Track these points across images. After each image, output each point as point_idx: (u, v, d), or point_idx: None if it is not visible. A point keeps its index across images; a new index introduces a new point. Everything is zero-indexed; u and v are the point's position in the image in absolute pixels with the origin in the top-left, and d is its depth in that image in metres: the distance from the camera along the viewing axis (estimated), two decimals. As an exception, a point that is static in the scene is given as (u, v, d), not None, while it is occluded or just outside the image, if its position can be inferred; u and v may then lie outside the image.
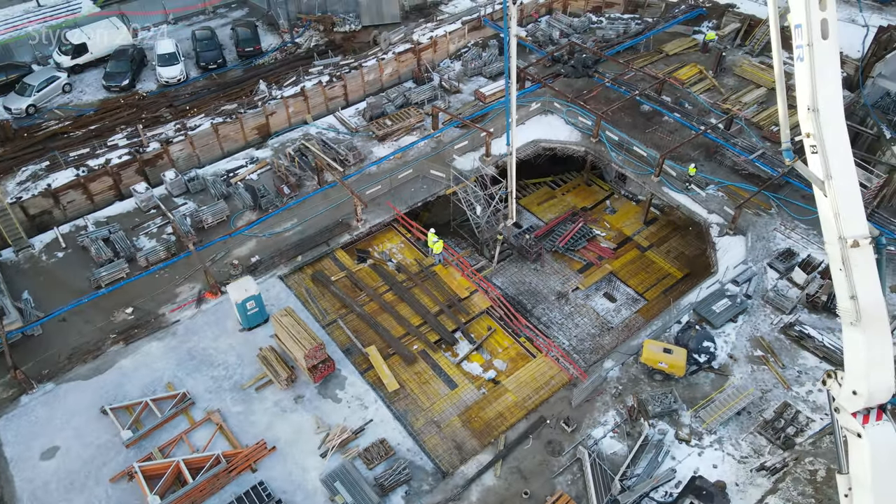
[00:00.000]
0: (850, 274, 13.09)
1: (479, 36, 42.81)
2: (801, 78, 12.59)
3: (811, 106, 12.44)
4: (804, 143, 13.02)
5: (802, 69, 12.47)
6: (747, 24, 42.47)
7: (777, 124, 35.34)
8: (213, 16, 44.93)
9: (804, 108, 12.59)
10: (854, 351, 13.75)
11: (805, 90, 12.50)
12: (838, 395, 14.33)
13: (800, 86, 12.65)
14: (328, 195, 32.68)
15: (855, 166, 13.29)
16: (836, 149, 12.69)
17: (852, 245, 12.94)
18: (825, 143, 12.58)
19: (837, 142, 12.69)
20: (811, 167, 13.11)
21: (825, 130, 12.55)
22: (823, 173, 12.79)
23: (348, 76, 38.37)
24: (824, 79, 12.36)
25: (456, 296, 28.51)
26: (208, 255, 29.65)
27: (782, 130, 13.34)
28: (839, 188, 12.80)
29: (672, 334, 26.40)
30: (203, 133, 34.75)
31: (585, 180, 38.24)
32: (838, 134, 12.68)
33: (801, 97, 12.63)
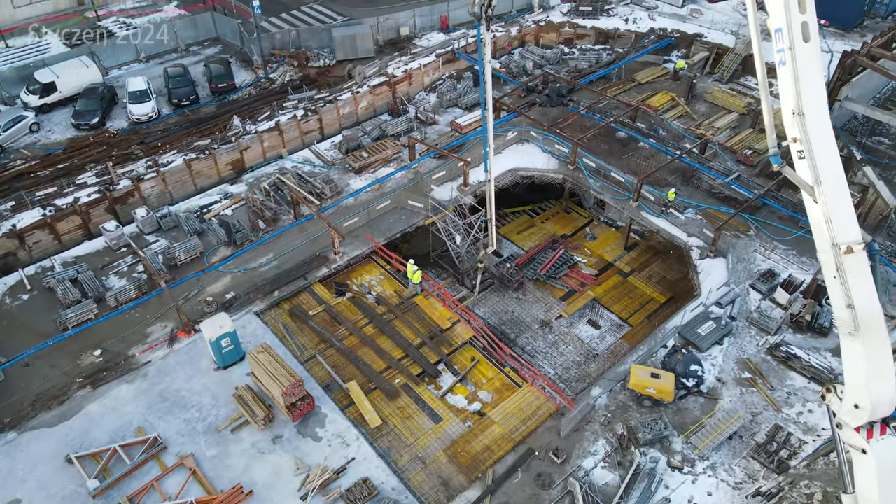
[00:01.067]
0: (846, 281, 12.80)
1: (453, 68, 43.09)
2: (784, 82, 12.45)
3: (796, 110, 12.27)
4: (791, 149, 12.82)
5: (785, 73, 12.34)
6: (715, 53, 43.38)
7: (750, 148, 35.84)
8: (186, 53, 44.70)
9: (789, 113, 12.43)
10: (853, 362, 13.38)
11: (789, 94, 12.34)
12: (839, 410, 13.88)
13: (783, 90, 12.50)
14: (305, 228, 32.08)
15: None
16: (824, 152, 12.50)
17: (846, 251, 12.67)
18: (812, 146, 12.39)
19: (825, 145, 12.51)
20: (799, 172, 12.88)
21: (812, 134, 12.38)
22: (812, 178, 12.56)
23: (323, 110, 38.18)
24: (808, 82, 12.22)
25: (438, 327, 27.86)
26: (181, 292, 28.71)
27: (769, 135, 13.14)
28: (829, 192, 12.57)
29: (658, 359, 25.97)
30: (175, 169, 34.09)
31: (564, 208, 38.16)
32: (825, 137, 12.51)
33: (786, 102, 12.48)
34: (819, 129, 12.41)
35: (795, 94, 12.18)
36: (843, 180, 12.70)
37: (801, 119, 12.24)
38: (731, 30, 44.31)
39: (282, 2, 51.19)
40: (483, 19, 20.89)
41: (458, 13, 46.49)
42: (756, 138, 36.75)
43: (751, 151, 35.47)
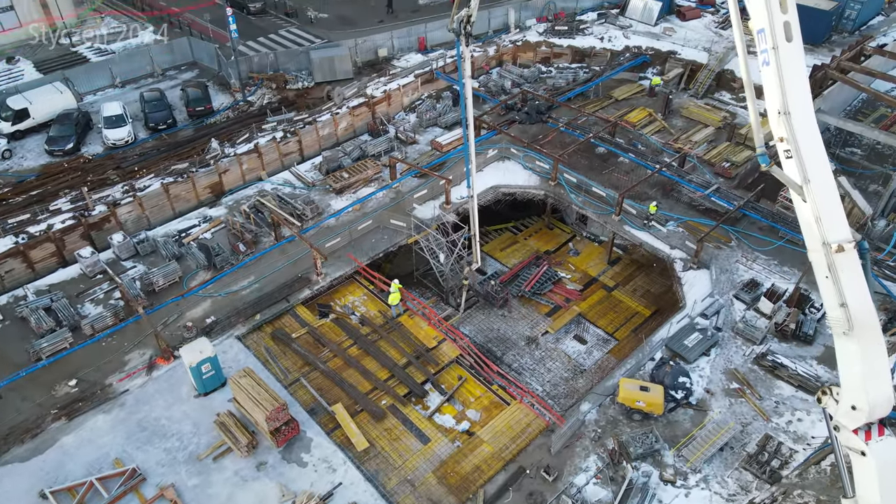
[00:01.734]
0: (838, 280, 12.74)
1: (432, 88, 43.23)
2: (769, 82, 12.49)
3: (782, 109, 12.29)
4: (778, 149, 12.83)
5: (769, 73, 12.38)
6: (689, 70, 44.08)
7: (728, 160, 36.25)
8: (163, 78, 44.35)
9: (775, 113, 12.45)
10: (849, 363, 13.28)
11: (774, 94, 12.38)
12: (836, 413, 13.75)
13: (768, 91, 12.54)
14: (286, 250, 31.64)
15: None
16: (811, 151, 12.52)
17: (837, 250, 12.63)
18: (799, 145, 12.41)
19: (811, 144, 12.53)
20: (787, 172, 12.87)
21: (798, 133, 12.40)
22: (801, 177, 12.56)
23: (303, 131, 37.98)
24: (792, 81, 12.27)
25: (423, 346, 27.47)
26: (159, 318, 28.04)
27: (756, 135, 13.13)
28: (818, 191, 12.56)
29: (647, 372, 25.81)
30: (153, 194, 33.54)
31: (547, 224, 38.19)
32: (811, 136, 12.54)
33: (771, 102, 12.50)
34: (805, 128, 12.45)
35: (780, 94, 12.23)
36: (831, 179, 12.71)
37: (787, 118, 12.27)
38: (703, 47, 45.11)
39: (259, 26, 51.21)
40: (462, 35, 20.91)
41: (435, 34, 46.80)
42: (733, 151, 37.22)
43: (728, 164, 35.88)
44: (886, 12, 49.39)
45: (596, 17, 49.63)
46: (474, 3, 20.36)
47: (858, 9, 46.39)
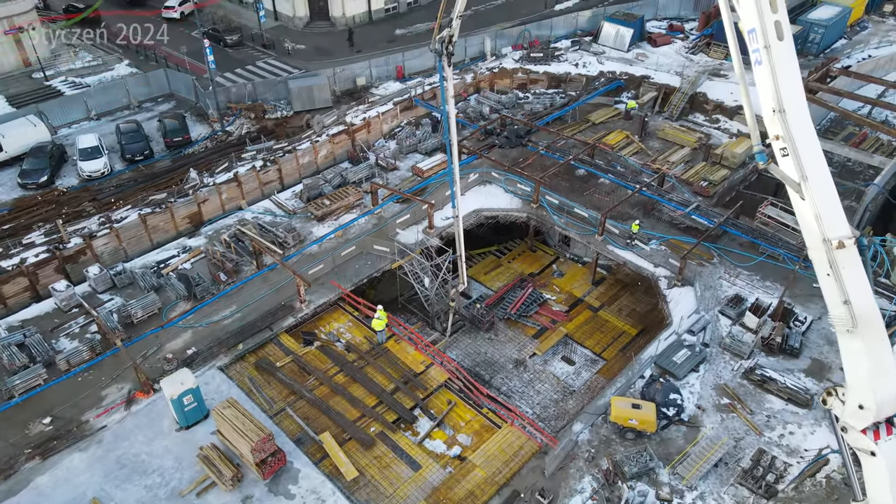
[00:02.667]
0: (840, 277, 12.72)
1: (411, 115, 43.45)
2: (762, 81, 12.61)
3: (777, 108, 12.40)
4: (773, 148, 12.91)
5: (763, 72, 12.51)
6: (663, 93, 44.96)
7: (706, 179, 36.79)
8: (139, 110, 43.97)
9: (769, 112, 12.54)
10: (854, 361, 13.21)
11: (768, 93, 12.49)
12: (843, 414, 13.63)
13: (762, 89, 12.66)
14: (268, 278, 31.15)
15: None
16: (807, 148, 12.62)
17: (838, 246, 12.64)
18: (795, 143, 12.50)
19: (807, 141, 12.63)
20: (785, 170, 12.90)
21: (794, 130, 12.50)
22: (798, 175, 12.63)
23: (283, 160, 37.79)
24: (785, 79, 12.40)
25: (411, 371, 27.02)
26: (138, 351, 27.27)
27: (752, 133, 13.19)
28: (816, 188, 12.61)
29: (637, 390, 25.63)
30: (130, 225, 32.96)
31: (530, 246, 38.23)
32: (807, 133, 12.65)
33: (765, 101, 12.61)
34: (801, 125, 12.56)
35: (774, 92, 12.35)
36: (828, 175, 12.75)
37: (782, 116, 12.37)
38: (675, 71, 46.09)
39: (235, 58, 51.26)
40: (444, 55, 21.09)
41: (412, 63, 47.23)
42: (710, 170, 37.82)
43: (706, 183, 36.41)
44: (849, 35, 51.10)
45: (570, 44, 50.56)
46: (456, 23, 20.58)
47: (822, 32, 47.91)
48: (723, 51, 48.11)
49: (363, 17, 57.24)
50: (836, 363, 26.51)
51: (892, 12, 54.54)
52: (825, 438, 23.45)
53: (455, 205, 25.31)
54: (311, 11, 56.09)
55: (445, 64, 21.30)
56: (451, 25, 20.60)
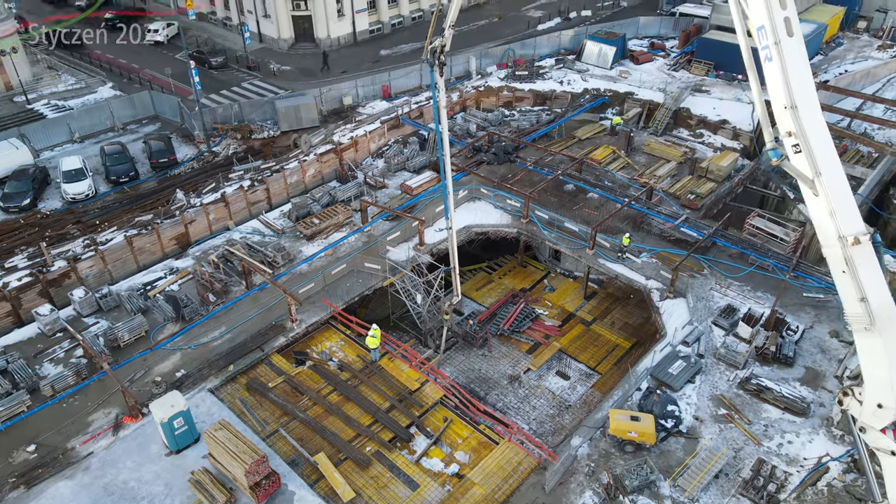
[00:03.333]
0: (856, 274, 12.65)
1: (398, 134, 43.52)
2: (772, 78, 12.63)
3: (789, 103, 12.41)
4: (785, 144, 12.92)
5: (773, 69, 12.54)
6: (647, 109, 45.53)
7: (693, 193, 37.10)
8: (123, 132, 43.57)
9: (781, 108, 12.56)
10: (872, 359, 13.11)
11: (779, 89, 12.52)
12: (861, 413, 13.50)
13: (773, 86, 12.67)
14: (258, 298, 30.72)
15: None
16: (820, 143, 12.62)
17: (853, 243, 12.58)
18: (808, 138, 12.51)
19: (820, 136, 12.64)
20: (798, 167, 12.85)
21: (807, 125, 12.50)
22: (811, 170, 12.62)
23: (270, 179, 37.54)
24: (796, 74, 12.44)
25: (406, 389, 26.63)
26: (125, 375, 26.62)
27: (765, 129, 13.18)
28: (830, 183, 12.58)
29: (634, 403, 25.48)
30: (116, 247, 32.43)
31: (520, 262, 38.17)
32: (819, 128, 12.67)
33: (777, 97, 12.64)
34: (813, 121, 12.57)
35: (785, 88, 12.38)
36: (841, 171, 12.72)
37: (793, 112, 12.39)
38: (658, 87, 46.75)
39: (221, 80, 51.17)
40: (436, 65, 21.19)
41: (398, 82, 47.45)
42: (696, 183, 38.19)
43: (693, 196, 36.72)
44: (825, 51, 52.27)
45: (554, 62, 51.16)
46: (448, 32, 20.68)
47: (799, 49, 48.95)
48: (704, 67, 48.96)
49: (348, 38, 57.57)
50: (829, 371, 26.62)
51: (866, 29, 55.92)
52: (824, 446, 23.41)
53: (448, 216, 25.29)
54: (296, 33, 56.33)
55: (437, 74, 21.36)
56: (443, 35, 20.69)
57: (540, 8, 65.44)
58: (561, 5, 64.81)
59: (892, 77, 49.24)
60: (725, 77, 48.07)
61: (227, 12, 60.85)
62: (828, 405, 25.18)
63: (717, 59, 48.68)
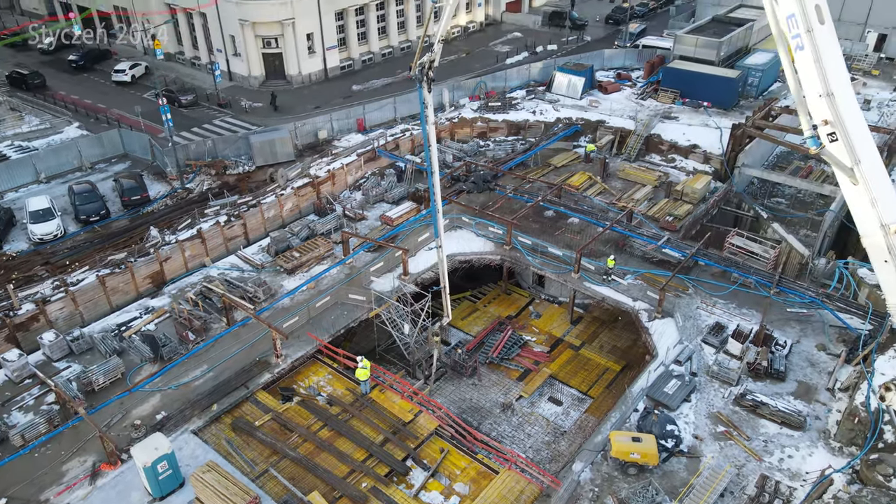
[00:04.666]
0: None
1: (375, 166, 43.37)
2: (806, 67, 12.57)
3: (824, 91, 12.35)
4: (821, 134, 12.84)
5: (806, 58, 12.49)
6: (619, 136, 46.41)
7: (671, 215, 37.58)
8: (92, 171, 42.46)
9: (815, 97, 12.49)
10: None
11: (813, 77, 12.47)
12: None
13: (806, 75, 12.61)
14: (240, 335, 29.74)
15: None
16: (858, 130, 12.57)
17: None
18: (846, 125, 12.45)
19: (857, 124, 12.60)
20: (837, 155, 12.75)
21: (844, 113, 12.45)
22: (850, 159, 12.54)
23: (247, 214, 36.82)
24: (830, 61, 12.41)
25: (399, 420, 25.80)
26: (101, 420, 25.22)
27: (802, 118, 13.12)
28: (869, 171, 12.49)
29: (632, 424, 25.12)
30: (87, 287, 31.19)
31: (504, 289, 37.93)
32: (856, 115, 12.63)
33: (811, 86, 12.58)
34: (850, 108, 12.54)
35: (820, 76, 12.34)
36: (879, 159, 12.64)
37: (830, 100, 12.31)
38: (629, 115, 47.78)
39: (191, 117, 50.58)
40: (424, 81, 21.24)
41: (372, 115, 47.51)
42: (673, 206, 38.74)
43: (671, 218, 37.19)
44: (782, 79, 54.33)
45: (525, 93, 52.00)
46: (437, 47, 20.76)
47: (759, 76, 50.80)
48: (670, 95, 50.32)
49: (319, 74, 57.75)
50: (821, 384, 26.73)
51: (818, 57, 58.37)
52: (824, 459, 23.31)
53: (438, 234, 25.16)
54: (267, 71, 56.28)
55: (426, 90, 21.42)
56: (431, 50, 20.76)
57: (506, 43, 66.90)
58: (527, 40, 66.39)
59: (848, 101, 51.20)
60: (692, 104, 49.45)
61: (195, 52, 60.60)
62: (823, 418, 25.22)
63: (683, 87, 50.15)
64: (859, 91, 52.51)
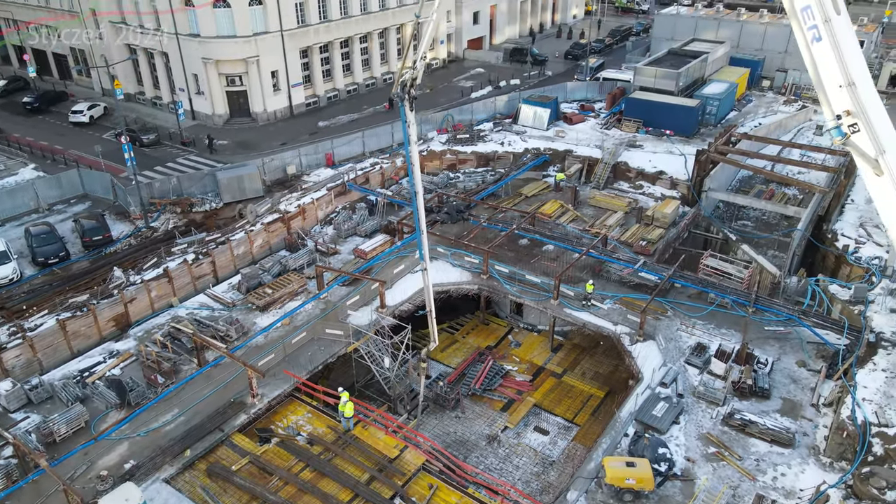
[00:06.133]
0: None
1: (346, 200, 42.86)
2: (824, 57, 12.54)
3: (845, 82, 12.33)
4: (842, 126, 12.78)
5: (824, 48, 12.45)
6: (587, 164, 47.03)
7: (644, 239, 37.90)
8: (49, 213, 40.85)
9: (835, 88, 12.45)
10: None
11: (833, 68, 12.44)
12: None
13: (825, 66, 12.57)
14: (211, 376, 28.45)
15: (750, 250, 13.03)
16: (881, 120, 12.56)
17: None
18: (869, 115, 12.42)
19: (880, 113, 12.60)
20: (860, 145, 12.67)
21: (866, 102, 12.42)
22: (874, 148, 12.47)
23: (216, 252, 35.72)
24: (849, 51, 12.41)
25: (385, 457, 24.77)
26: (66, 471, 23.54)
27: (825, 108, 13.04)
28: (894, 162, 12.41)
29: (624, 450, 24.64)
30: (46, 332, 29.58)
31: (482, 320, 37.43)
32: (878, 105, 12.63)
33: (830, 77, 12.55)
34: (872, 97, 12.53)
35: (840, 66, 12.32)
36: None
37: (852, 90, 12.29)
38: (595, 144, 48.55)
39: (154, 156, 49.46)
40: (406, 100, 21.10)
41: (341, 150, 47.20)
42: (645, 231, 39.12)
43: (645, 242, 37.51)
44: (738, 108, 56.27)
45: (492, 125, 52.51)
46: (420, 64, 20.65)
47: (717, 105, 52.45)
48: (634, 124, 51.41)
49: (284, 111, 57.40)
50: (805, 400, 26.82)
51: (770, 87, 60.85)
52: (817, 475, 23.19)
53: (422, 255, 24.83)
54: (231, 108, 55.69)
55: (407, 108, 21.26)
56: (413, 68, 20.64)
57: (470, 79, 67.86)
58: (490, 76, 67.48)
59: (802, 127, 53.27)
60: (654, 132, 50.59)
61: (156, 91, 59.69)
62: (811, 433, 25.20)
63: (645, 116, 51.34)
64: (811, 118, 54.84)
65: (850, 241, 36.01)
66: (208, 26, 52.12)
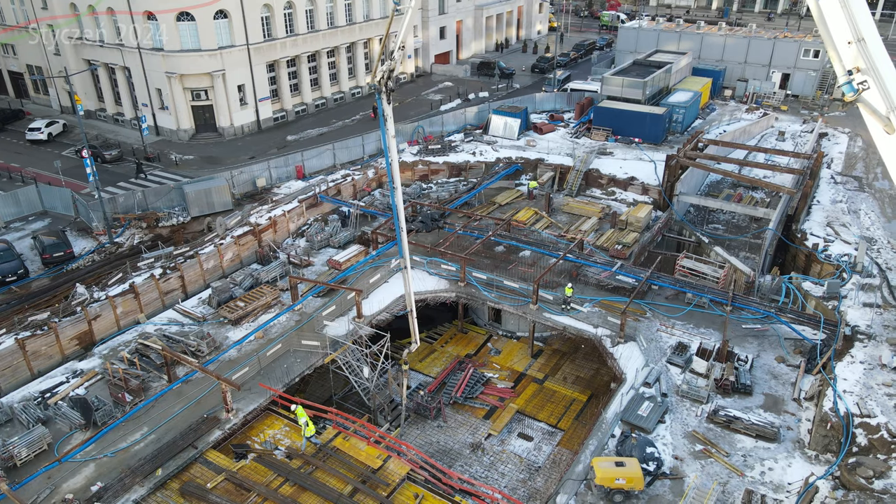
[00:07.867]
0: None
1: (317, 212, 42.12)
2: (833, 14, 12.45)
3: (854, 38, 12.26)
4: (853, 83, 12.69)
5: (832, 5, 12.38)
6: (559, 172, 47.21)
7: (619, 243, 37.99)
8: (7, 230, 39.13)
9: (845, 45, 12.37)
10: None
11: (842, 24, 12.36)
12: None
13: (834, 23, 12.49)
14: (183, 392, 27.28)
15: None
16: (891, 76, 12.50)
17: None
18: (880, 70, 12.35)
19: (889, 69, 12.54)
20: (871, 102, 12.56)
21: (876, 57, 12.35)
22: (885, 105, 12.39)
23: (185, 266, 34.58)
24: (857, 6, 12.36)
25: (368, 468, 23.93)
26: (28, 496, 22.15)
27: (836, 65, 12.87)
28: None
29: (611, 451, 24.27)
30: (4, 353, 28.18)
31: (460, 328, 36.89)
32: (888, 62, 12.57)
33: (839, 34, 12.45)
34: (881, 54, 12.47)
35: (849, 22, 12.25)
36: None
37: (861, 46, 12.23)
38: (566, 153, 48.80)
39: (117, 172, 47.92)
40: (384, 91, 20.72)
41: (311, 162, 46.56)
42: (620, 235, 39.24)
43: (621, 246, 37.59)
44: (703, 116, 57.37)
45: (463, 136, 52.47)
46: (398, 54, 20.31)
47: (683, 113, 53.34)
48: (603, 133, 51.90)
49: (252, 126, 56.46)
50: (786, 395, 26.88)
51: (731, 96, 62.28)
52: (804, 468, 23.13)
53: (402, 253, 24.39)
54: (197, 123, 54.51)
55: (385, 100, 20.88)
56: (392, 58, 20.27)
57: (439, 92, 67.90)
58: (459, 89, 67.66)
59: (765, 133, 54.49)
60: (623, 140, 51.12)
61: (118, 107, 58.19)
62: (794, 427, 25.21)
63: (614, 125, 51.91)
64: (773, 125, 56.21)
65: (818, 239, 36.62)
66: (172, 40, 51.10)
